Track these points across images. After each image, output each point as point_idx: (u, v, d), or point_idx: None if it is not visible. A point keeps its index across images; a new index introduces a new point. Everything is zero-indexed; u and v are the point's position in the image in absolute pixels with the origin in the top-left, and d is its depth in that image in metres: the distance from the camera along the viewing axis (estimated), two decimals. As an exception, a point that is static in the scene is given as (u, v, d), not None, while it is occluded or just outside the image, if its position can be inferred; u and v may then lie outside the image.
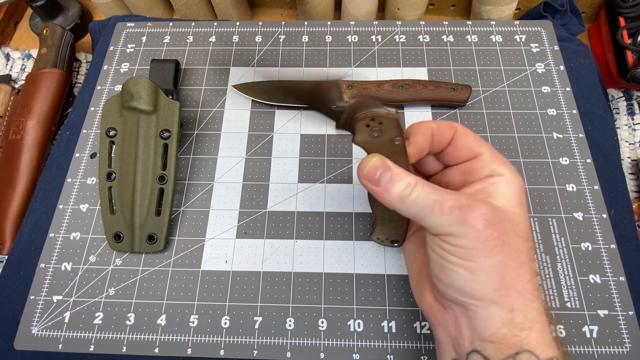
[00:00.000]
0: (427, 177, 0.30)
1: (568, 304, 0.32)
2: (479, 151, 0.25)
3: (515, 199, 0.24)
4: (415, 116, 0.41)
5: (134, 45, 0.46)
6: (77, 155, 0.40)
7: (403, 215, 0.25)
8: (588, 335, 0.31)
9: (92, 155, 0.40)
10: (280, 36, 0.46)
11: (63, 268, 0.35)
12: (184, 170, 0.39)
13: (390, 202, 0.24)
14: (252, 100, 0.42)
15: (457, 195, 0.23)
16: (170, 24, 0.48)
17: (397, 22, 0.46)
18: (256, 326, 0.33)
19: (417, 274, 0.28)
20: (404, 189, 0.23)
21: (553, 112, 0.40)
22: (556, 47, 0.43)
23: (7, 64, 0.51)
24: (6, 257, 0.37)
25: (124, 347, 0.32)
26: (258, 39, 0.46)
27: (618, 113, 0.44)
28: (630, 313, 0.32)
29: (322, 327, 0.33)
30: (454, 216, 0.22)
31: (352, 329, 0.32)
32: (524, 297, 0.22)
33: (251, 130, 0.41)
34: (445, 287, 0.23)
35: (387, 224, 0.30)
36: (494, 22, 0.46)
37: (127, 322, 0.33)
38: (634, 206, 0.38)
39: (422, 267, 0.28)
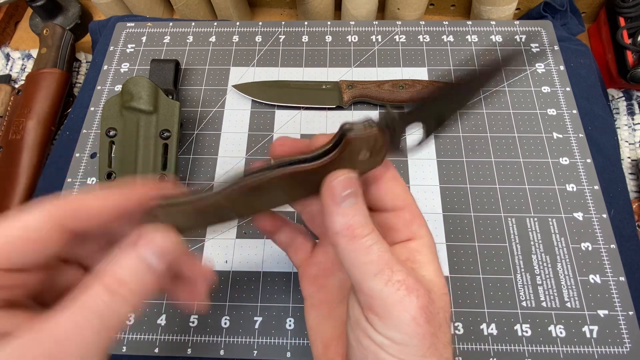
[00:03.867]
0: None
1: (568, 304, 0.32)
2: (402, 204, 0.21)
3: (439, 272, 0.21)
4: (415, 116, 0.41)
5: (134, 45, 0.46)
6: (77, 155, 0.40)
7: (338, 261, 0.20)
8: (588, 335, 0.31)
9: (92, 155, 0.40)
10: (280, 36, 0.46)
11: (63, 268, 0.35)
12: (184, 170, 0.39)
13: (336, 229, 0.19)
14: (252, 100, 0.42)
15: (407, 270, 0.19)
16: (170, 24, 0.48)
17: (397, 22, 0.46)
18: (256, 326, 0.33)
19: (322, 354, 0.23)
20: (362, 227, 0.19)
21: (553, 112, 0.40)
22: (556, 47, 0.43)
23: (7, 64, 0.51)
24: (6, 257, 0.37)
25: (124, 347, 0.32)
26: (258, 39, 0.46)
27: (618, 113, 0.44)
28: (630, 313, 0.32)
29: (322, 327, 0.33)
30: (399, 295, 0.18)
31: (352, 329, 0.32)
32: None
33: (251, 130, 0.41)
34: None
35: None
36: (494, 22, 0.46)
37: (127, 322, 0.33)
38: (634, 206, 0.38)
39: (330, 347, 0.23)
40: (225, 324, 0.33)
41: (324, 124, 0.41)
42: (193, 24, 0.48)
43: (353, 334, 0.20)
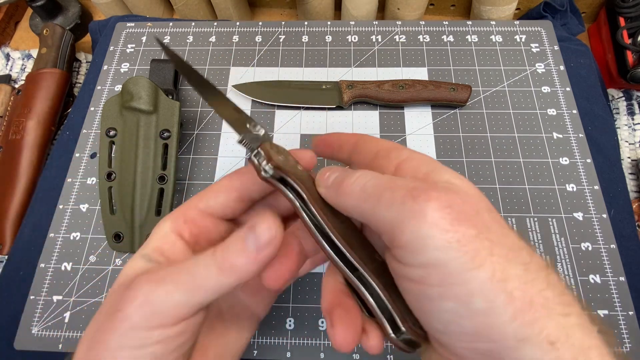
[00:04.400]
0: None
1: (568, 304, 0.32)
2: (375, 150, 0.20)
3: (457, 175, 0.17)
4: (415, 116, 0.41)
5: (134, 45, 0.46)
6: (77, 155, 0.40)
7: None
8: (588, 335, 0.31)
9: (92, 155, 0.40)
10: (280, 36, 0.46)
11: (63, 268, 0.35)
12: (184, 170, 0.39)
13: (334, 197, 0.19)
14: (252, 100, 0.42)
15: (413, 181, 0.16)
16: (170, 24, 0.48)
17: (397, 22, 0.46)
18: (256, 326, 0.33)
19: None
20: (348, 177, 0.18)
21: (553, 112, 0.40)
22: (556, 47, 0.43)
23: (7, 64, 0.51)
24: (6, 257, 0.37)
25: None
26: (258, 39, 0.46)
27: (618, 113, 0.44)
28: (630, 313, 0.32)
29: (322, 327, 0.33)
30: (407, 208, 0.15)
31: (352, 329, 0.32)
32: (553, 313, 0.14)
33: (251, 130, 0.41)
34: (444, 336, 0.16)
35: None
36: (494, 22, 0.46)
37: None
38: (634, 206, 0.38)
39: None
40: (225, 324, 0.33)
41: (324, 124, 0.41)
42: (193, 24, 0.48)
43: (400, 286, 0.17)
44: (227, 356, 0.22)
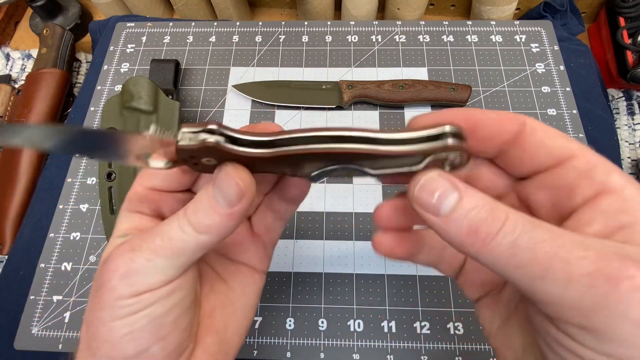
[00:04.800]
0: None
1: (568, 304, 0.32)
2: (567, 153, 0.15)
3: None
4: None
5: (134, 45, 0.46)
6: (77, 155, 0.40)
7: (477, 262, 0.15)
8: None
9: (92, 155, 0.40)
10: (280, 36, 0.46)
11: (63, 268, 0.35)
12: (184, 170, 0.39)
13: (457, 242, 0.14)
14: (252, 100, 0.42)
15: (595, 248, 0.12)
16: (170, 24, 0.48)
17: (397, 22, 0.46)
18: (256, 326, 0.33)
19: None
20: (486, 223, 0.13)
21: (553, 112, 0.40)
22: (556, 47, 0.43)
23: (7, 64, 0.51)
24: (6, 257, 0.37)
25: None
26: (258, 39, 0.46)
27: (618, 113, 0.44)
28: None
29: (322, 327, 0.33)
30: (597, 294, 0.12)
31: (352, 329, 0.32)
32: None
33: (251, 130, 0.41)
34: None
35: None
36: (494, 22, 0.46)
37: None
38: (634, 206, 0.38)
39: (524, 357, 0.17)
40: (225, 324, 0.33)
41: (324, 124, 0.41)
42: (193, 24, 0.48)
43: (550, 351, 0.14)
44: (237, 313, 0.21)
